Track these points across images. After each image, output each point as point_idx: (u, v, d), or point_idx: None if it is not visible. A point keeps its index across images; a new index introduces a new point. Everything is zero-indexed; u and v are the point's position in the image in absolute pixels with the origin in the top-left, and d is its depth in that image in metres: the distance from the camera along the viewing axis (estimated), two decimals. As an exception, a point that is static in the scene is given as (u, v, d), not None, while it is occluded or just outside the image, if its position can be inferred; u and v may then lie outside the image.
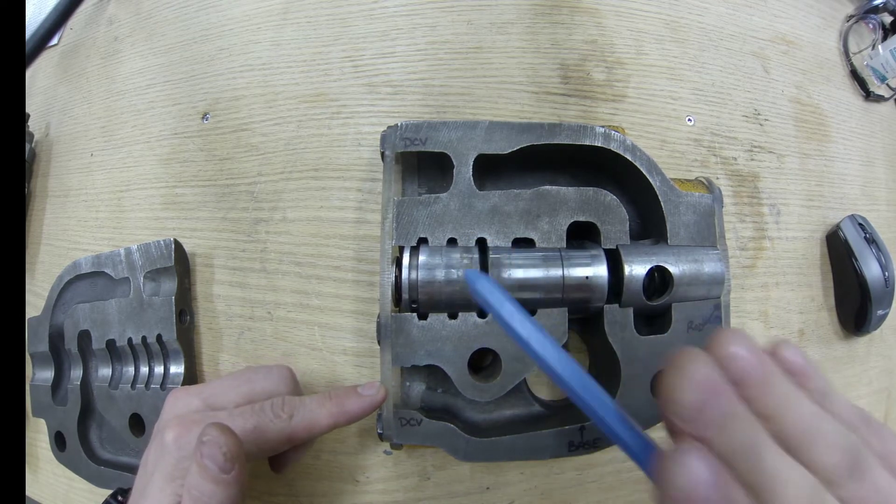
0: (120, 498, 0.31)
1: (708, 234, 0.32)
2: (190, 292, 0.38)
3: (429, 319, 0.29)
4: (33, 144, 0.48)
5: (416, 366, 0.29)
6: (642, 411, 0.31)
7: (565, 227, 0.30)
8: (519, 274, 0.29)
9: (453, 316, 0.29)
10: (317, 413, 0.27)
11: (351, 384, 0.31)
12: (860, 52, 0.48)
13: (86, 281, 0.39)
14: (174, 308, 0.35)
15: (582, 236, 0.32)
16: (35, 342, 0.39)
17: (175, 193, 0.40)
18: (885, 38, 0.48)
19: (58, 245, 0.45)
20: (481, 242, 0.30)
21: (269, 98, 0.39)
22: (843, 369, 0.42)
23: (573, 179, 0.35)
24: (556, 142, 0.31)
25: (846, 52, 0.48)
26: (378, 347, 0.30)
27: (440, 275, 0.28)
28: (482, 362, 0.32)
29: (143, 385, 0.36)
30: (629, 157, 0.31)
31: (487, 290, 0.21)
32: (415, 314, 0.29)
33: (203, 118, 0.41)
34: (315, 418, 0.27)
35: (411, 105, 0.37)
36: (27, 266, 0.46)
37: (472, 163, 0.30)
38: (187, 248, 0.38)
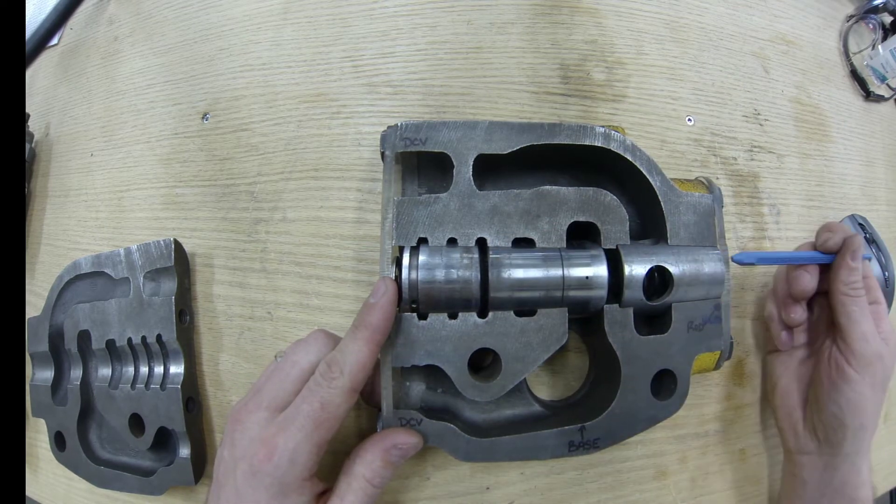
0: None
1: (708, 234, 0.32)
2: (190, 292, 0.38)
3: (429, 319, 0.29)
4: (33, 144, 0.48)
5: (416, 366, 0.29)
6: (642, 411, 0.31)
7: (565, 227, 0.30)
8: (519, 274, 0.29)
9: (453, 316, 0.29)
10: (359, 350, 0.27)
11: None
12: (860, 52, 0.48)
13: (86, 281, 0.39)
14: (174, 308, 0.35)
15: (582, 236, 0.32)
16: (35, 342, 0.39)
17: (175, 193, 0.40)
18: (885, 38, 0.48)
19: (58, 245, 0.45)
20: (481, 242, 0.30)
21: (269, 98, 0.39)
22: (843, 369, 0.42)
23: (573, 179, 0.35)
24: (556, 142, 0.31)
25: (846, 52, 0.48)
26: (378, 347, 0.30)
27: (440, 275, 0.28)
28: (482, 362, 0.32)
29: (142, 385, 0.36)
30: (629, 157, 0.31)
31: (755, 256, 0.34)
32: (415, 314, 0.29)
33: (203, 118, 0.41)
34: (360, 355, 0.27)
35: (411, 105, 0.37)
36: (27, 266, 0.46)
37: (472, 163, 0.30)
38: (187, 248, 0.38)
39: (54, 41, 0.50)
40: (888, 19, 0.49)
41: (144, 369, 0.36)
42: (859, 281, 0.33)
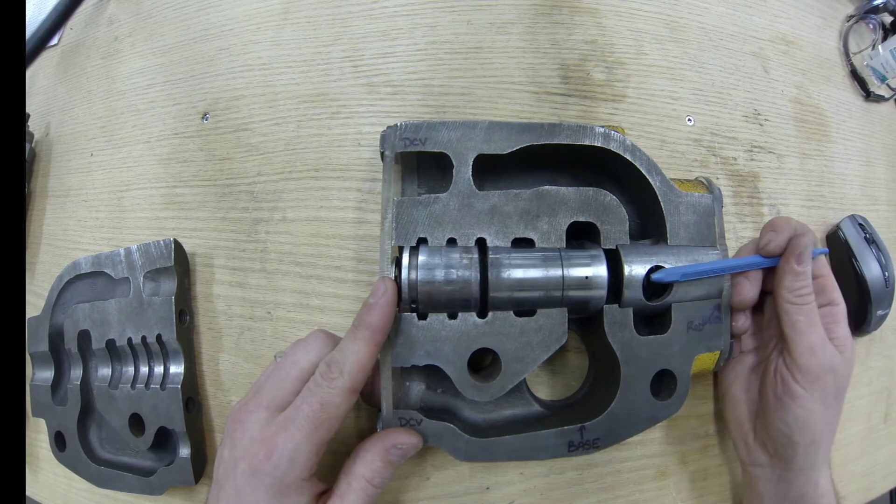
0: None
1: (708, 234, 0.32)
2: (190, 292, 0.38)
3: (428, 319, 0.29)
4: (33, 144, 0.48)
5: (416, 366, 0.29)
6: (642, 411, 0.31)
7: (565, 227, 0.30)
8: (518, 274, 0.29)
9: (453, 316, 0.29)
10: (358, 350, 0.27)
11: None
12: (860, 52, 0.48)
13: (86, 281, 0.39)
14: (174, 308, 0.35)
15: (582, 236, 0.32)
16: (35, 342, 0.39)
17: (175, 193, 0.40)
18: (885, 38, 0.48)
19: (58, 245, 0.45)
20: (481, 242, 0.30)
21: (269, 98, 0.39)
22: (843, 369, 0.42)
23: (573, 179, 0.35)
24: (555, 142, 0.31)
25: (846, 52, 0.48)
26: (378, 347, 0.30)
27: (440, 275, 0.28)
28: (482, 362, 0.32)
29: (142, 385, 0.36)
30: (629, 157, 0.32)
31: (679, 272, 0.30)
32: (414, 314, 0.29)
33: (203, 118, 0.41)
34: (360, 356, 0.27)
35: (411, 105, 0.37)
36: (27, 266, 0.46)
37: (471, 163, 0.30)
38: (187, 248, 0.38)
39: (54, 41, 0.50)
40: (888, 19, 0.49)
41: (144, 369, 0.36)
42: (806, 287, 0.30)
